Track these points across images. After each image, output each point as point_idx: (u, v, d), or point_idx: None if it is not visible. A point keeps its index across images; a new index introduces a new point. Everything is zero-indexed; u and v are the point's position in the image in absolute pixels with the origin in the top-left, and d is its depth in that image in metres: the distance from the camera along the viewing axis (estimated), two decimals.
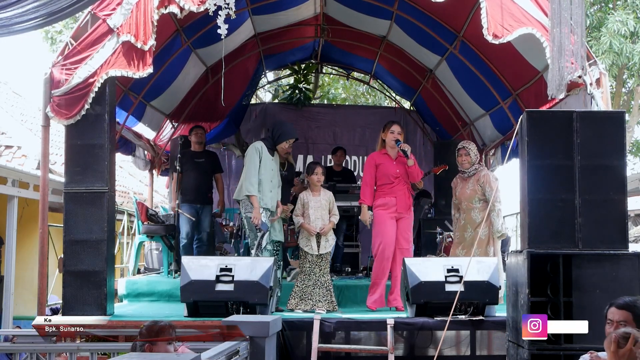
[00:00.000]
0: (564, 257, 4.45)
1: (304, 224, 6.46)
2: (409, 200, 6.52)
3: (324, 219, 6.48)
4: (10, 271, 9.33)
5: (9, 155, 10.10)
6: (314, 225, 6.43)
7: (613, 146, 4.62)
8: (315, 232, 6.40)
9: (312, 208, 6.49)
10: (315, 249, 6.39)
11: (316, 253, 6.39)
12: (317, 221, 6.46)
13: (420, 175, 6.51)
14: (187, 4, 5.74)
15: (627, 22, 11.59)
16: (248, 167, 6.29)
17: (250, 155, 6.34)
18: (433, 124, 10.81)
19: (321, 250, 6.41)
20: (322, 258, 6.43)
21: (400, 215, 6.43)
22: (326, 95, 14.29)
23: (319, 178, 6.54)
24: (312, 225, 6.42)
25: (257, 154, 6.31)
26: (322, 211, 6.50)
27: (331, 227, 6.51)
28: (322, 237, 6.43)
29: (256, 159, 6.29)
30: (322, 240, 6.43)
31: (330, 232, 6.50)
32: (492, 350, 6.15)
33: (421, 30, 8.25)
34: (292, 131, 6.65)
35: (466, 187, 6.66)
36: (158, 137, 9.68)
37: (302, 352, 5.72)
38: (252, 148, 6.41)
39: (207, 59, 8.94)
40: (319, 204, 6.51)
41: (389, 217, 6.39)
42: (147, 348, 3.87)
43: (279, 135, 6.47)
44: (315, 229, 6.40)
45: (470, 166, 6.68)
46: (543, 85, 6.51)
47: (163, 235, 8.13)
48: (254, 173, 6.24)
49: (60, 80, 5.80)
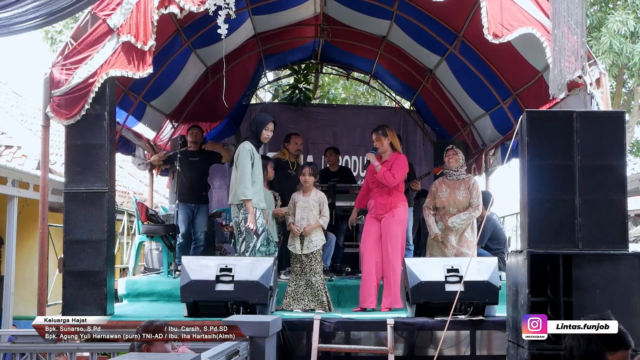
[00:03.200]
0: (564, 257, 4.45)
1: (290, 223, 6.50)
2: (387, 201, 6.54)
3: (309, 220, 6.46)
4: (10, 271, 9.32)
5: (9, 155, 10.10)
6: (299, 225, 6.44)
7: (613, 146, 4.62)
8: (298, 232, 6.41)
9: (299, 208, 6.51)
10: (299, 249, 6.40)
11: (299, 253, 6.40)
12: (302, 221, 6.46)
13: (390, 181, 6.48)
14: (187, 4, 5.74)
15: (627, 22, 11.59)
16: (241, 170, 6.13)
17: (242, 158, 6.15)
18: (433, 124, 10.81)
19: (304, 250, 6.40)
20: (310, 258, 6.40)
21: (379, 215, 6.56)
22: (326, 95, 14.28)
23: (305, 179, 6.54)
24: (297, 225, 6.44)
25: (248, 155, 6.17)
26: (309, 212, 6.49)
27: (314, 227, 6.44)
28: (305, 238, 6.42)
29: (249, 160, 6.17)
30: (305, 241, 6.42)
31: (315, 232, 6.44)
32: (492, 350, 6.15)
33: (421, 30, 8.25)
34: (266, 117, 6.66)
35: (457, 193, 6.66)
36: (158, 137, 9.67)
37: (302, 352, 5.72)
38: (243, 150, 6.21)
39: (207, 59, 8.93)
40: (306, 204, 6.51)
41: (370, 220, 6.65)
42: (144, 348, 3.87)
43: (256, 127, 6.41)
44: (300, 229, 6.41)
45: (457, 166, 6.72)
46: (543, 85, 6.53)
47: (163, 235, 8.13)
48: (248, 176, 6.12)
49: (60, 80, 5.80)
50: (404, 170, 6.63)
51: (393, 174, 6.47)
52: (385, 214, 6.51)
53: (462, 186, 6.68)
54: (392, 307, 6.33)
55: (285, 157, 8.26)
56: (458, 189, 6.67)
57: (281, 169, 7.99)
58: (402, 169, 6.59)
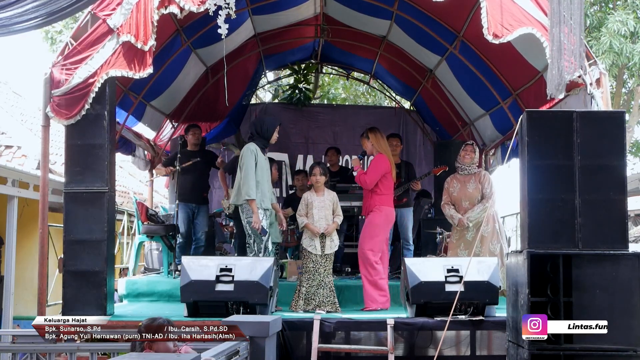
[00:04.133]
0: (564, 257, 4.44)
1: (308, 224, 6.43)
2: (367, 203, 6.71)
3: (328, 219, 6.47)
4: (10, 271, 9.32)
5: (9, 155, 10.09)
6: (318, 226, 6.42)
7: (613, 146, 4.61)
8: (319, 232, 6.39)
9: (316, 208, 6.48)
10: (319, 249, 6.38)
11: (320, 253, 6.39)
12: (321, 221, 6.44)
13: (365, 184, 6.60)
14: (187, 4, 5.74)
15: (627, 22, 11.59)
16: (246, 171, 6.15)
17: (246, 158, 6.19)
18: (433, 124, 10.80)
19: (326, 250, 6.40)
20: (326, 258, 6.42)
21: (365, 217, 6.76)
22: (326, 95, 14.28)
23: (317, 179, 6.52)
24: (315, 225, 6.43)
25: (252, 156, 6.18)
26: (326, 211, 6.49)
27: (335, 227, 6.49)
28: (327, 237, 6.42)
29: (252, 161, 6.17)
30: (327, 241, 6.43)
31: (334, 232, 6.49)
32: (492, 350, 6.15)
33: (421, 30, 8.25)
34: (275, 120, 6.72)
35: (467, 186, 6.71)
36: (158, 137, 9.67)
37: (302, 352, 5.72)
38: (247, 150, 6.25)
39: (207, 59, 8.94)
40: (322, 204, 6.49)
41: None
42: (146, 346, 3.87)
43: (267, 129, 6.42)
44: (319, 229, 6.40)
45: (470, 163, 6.78)
46: (543, 85, 6.51)
47: (163, 235, 8.14)
48: (252, 177, 6.12)
49: (60, 80, 5.80)
50: (377, 171, 6.56)
51: (366, 176, 6.55)
52: (365, 216, 6.69)
53: (473, 179, 6.76)
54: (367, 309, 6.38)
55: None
56: (469, 182, 6.76)
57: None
58: (375, 170, 6.57)
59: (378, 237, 6.56)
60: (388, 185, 6.64)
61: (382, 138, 6.75)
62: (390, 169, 6.62)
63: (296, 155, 10.95)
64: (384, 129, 7.28)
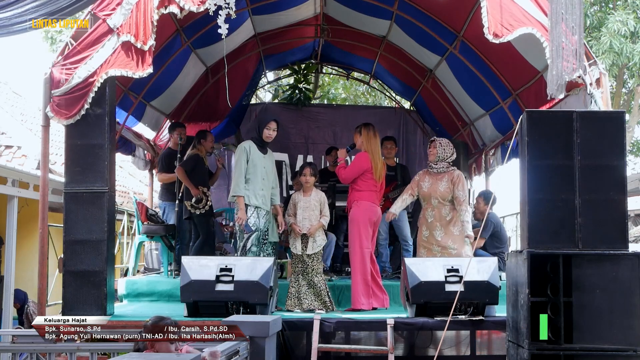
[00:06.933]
0: (564, 257, 4.45)
1: (293, 224, 6.48)
2: (348, 201, 6.68)
3: (312, 220, 6.47)
4: (10, 271, 9.32)
5: (9, 155, 10.10)
6: (301, 226, 6.44)
7: (613, 146, 4.62)
8: (300, 232, 6.40)
9: (301, 208, 6.51)
10: (300, 250, 6.40)
11: (300, 253, 6.40)
12: (304, 221, 6.47)
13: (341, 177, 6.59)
14: (187, 4, 5.74)
15: (627, 22, 11.61)
16: (235, 168, 6.35)
17: (237, 155, 6.37)
18: (433, 124, 10.80)
19: (308, 251, 6.40)
20: (312, 259, 6.41)
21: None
22: (326, 95, 14.29)
23: (307, 179, 6.54)
24: (299, 225, 6.44)
25: (244, 154, 6.28)
26: (311, 212, 6.50)
27: (318, 227, 6.46)
28: (309, 238, 6.42)
29: (243, 158, 6.27)
30: (309, 241, 6.43)
31: (318, 232, 6.46)
32: (492, 350, 6.16)
33: (421, 30, 8.25)
34: (268, 117, 6.75)
35: (438, 184, 6.52)
36: (158, 137, 9.67)
37: (302, 352, 5.73)
38: (239, 148, 6.42)
39: (207, 59, 8.94)
40: (307, 204, 6.51)
41: None
42: (148, 345, 3.89)
43: (258, 127, 6.48)
44: (302, 229, 6.41)
45: (435, 160, 6.58)
46: (543, 85, 6.51)
47: (163, 235, 8.13)
48: (240, 173, 6.24)
49: (60, 80, 5.80)
50: (356, 168, 6.52)
51: (344, 170, 6.55)
52: (348, 213, 6.64)
53: (445, 178, 6.53)
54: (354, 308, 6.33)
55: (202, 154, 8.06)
56: (440, 181, 6.53)
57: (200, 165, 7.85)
58: (354, 167, 6.56)
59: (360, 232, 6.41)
60: (368, 183, 6.53)
61: (374, 137, 6.64)
62: (372, 168, 6.50)
63: (296, 155, 10.94)
64: (384, 129, 7.30)
